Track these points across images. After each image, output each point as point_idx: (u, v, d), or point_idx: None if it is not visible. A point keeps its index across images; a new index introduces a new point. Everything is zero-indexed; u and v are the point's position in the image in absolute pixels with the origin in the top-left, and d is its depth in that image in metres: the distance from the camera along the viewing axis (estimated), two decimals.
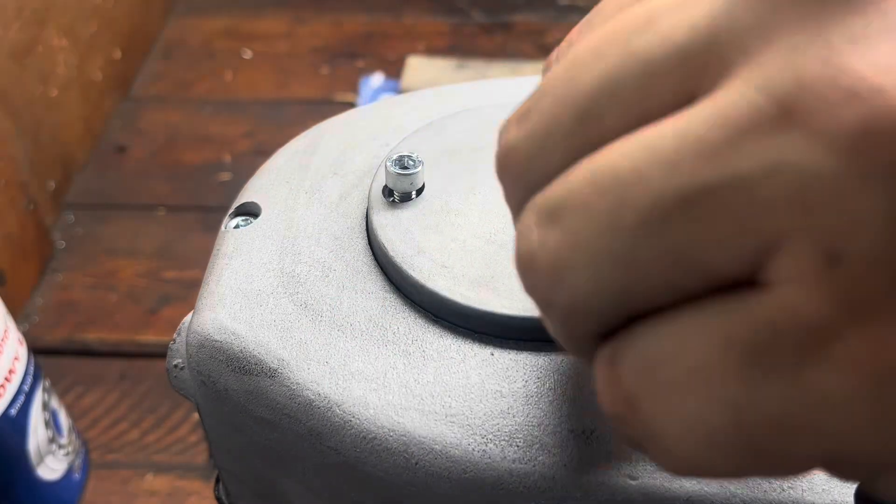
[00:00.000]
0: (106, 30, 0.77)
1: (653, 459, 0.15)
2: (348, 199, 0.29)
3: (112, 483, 0.50)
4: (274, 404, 0.24)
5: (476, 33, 0.88)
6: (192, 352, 0.25)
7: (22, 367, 0.43)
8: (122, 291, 0.62)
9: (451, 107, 0.32)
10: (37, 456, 0.44)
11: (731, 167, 0.13)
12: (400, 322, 0.25)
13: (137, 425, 0.53)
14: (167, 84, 0.83)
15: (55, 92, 0.69)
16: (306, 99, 0.80)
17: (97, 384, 0.56)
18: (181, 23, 0.91)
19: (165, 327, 0.59)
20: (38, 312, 0.60)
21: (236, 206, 0.29)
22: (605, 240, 0.14)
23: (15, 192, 0.60)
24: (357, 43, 0.88)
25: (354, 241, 0.27)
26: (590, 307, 0.15)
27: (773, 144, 0.13)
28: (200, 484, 0.50)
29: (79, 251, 0.65)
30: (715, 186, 0.13)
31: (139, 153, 0.75)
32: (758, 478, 0.15)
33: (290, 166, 0.30)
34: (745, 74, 0.13)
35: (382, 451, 0.23)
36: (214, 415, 0.26)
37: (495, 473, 0.22)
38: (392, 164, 0.27)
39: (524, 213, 0.16)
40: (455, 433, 0.22)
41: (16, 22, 0.63)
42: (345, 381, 0.23)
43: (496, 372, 0.23)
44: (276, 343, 0.24)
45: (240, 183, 0.31)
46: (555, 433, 0.22)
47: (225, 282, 0.26)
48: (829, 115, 0.12)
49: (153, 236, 0.66)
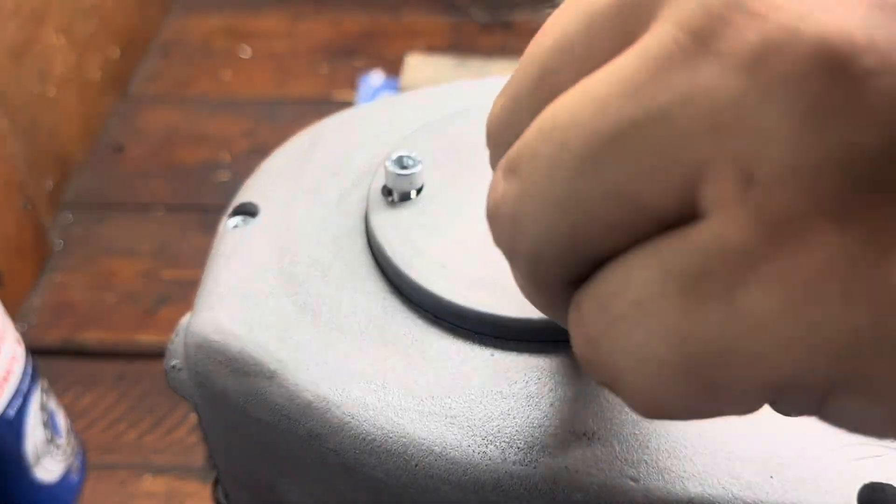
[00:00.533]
0: (104, 29, 0.77)
1: (626, 403, 0.16)
2: (347, 199, 0.29)
3: (110, 484, 0.50)
4: (272, 405, 0.24)
5: (476, 32, 0.88)
6: (191, 352, 0.25)
7: (19, 368, 0.43)
8: (120, 291, 0.62)
9: (451, 106, 0.32)
10: (34, 457, 0.44)
11: (653, 101, 0.14)
12: (399, 323, 0.25)
13: (135, 426, 0.53)
14: (165, 83, 0.83)
15: (53, 91, 0.68)
16: (305, 98, 0.80)
17: (95, 385, 0.55)
18: (179, 21, 0.91)
19: (164, 328, 0.59)
20: (35, 313, 0.60)
21: (235, 206, 0.29)
22: (550, 184, 0.15)
23: (12, 192, 0.60)
24: (356, 41, 0.87)
25: (354, 242, 0.27)
26: (548, 253, 0.16)
27: (687, 74, 0.13)
28: (199, 485, 0.50)
29: (77, 251, 0.65)
30: (640, 122, 0.14)
31: (137, 152, 0.75)
32: (716, 415, 0.15)
33: (289, 166, 0.30)
34: (666, 13, 0.14)
35: (382, 452, 0.22)
36: (212, 416, 0.26)
37: (495, 475, 0.22)
38: (391, 163, 0.27)
39: (496, 171, 0.17)
40: (455, 434, 0.22)
41: (13, 20, 0.63)
42: (344, 382, 0.23)
43: (496, 373, 0.23)
44: (275, 344, 0.24)
45: (238, 182, 0.31)
46: (555, 435, 0.22)
47: (223, 282, 0.26)
48: (733, 37, 0.13)
49: (151, 236, 0.66)
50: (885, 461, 0.21)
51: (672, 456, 0.22)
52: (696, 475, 0.21)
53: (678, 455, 0.22)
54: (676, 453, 0.22)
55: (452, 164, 0.28)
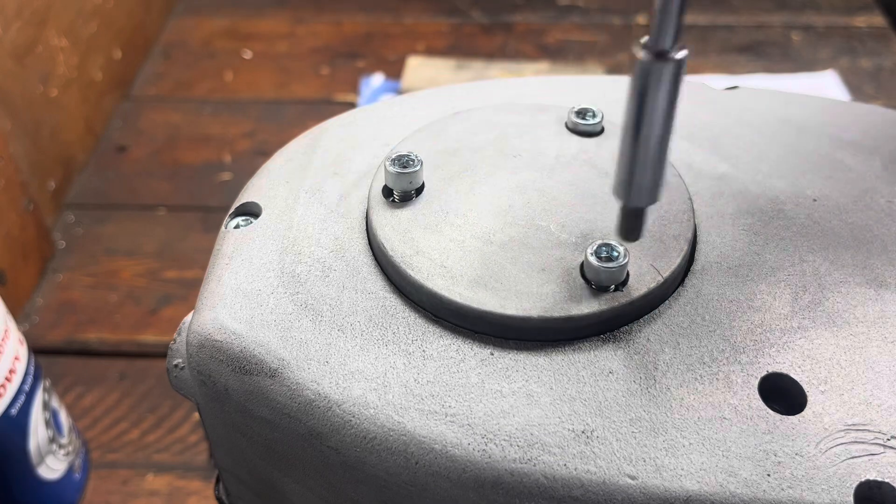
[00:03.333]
0: (106, 30, 0.77)
1: None
2: (348, 199, 0.29)
3: (112, 483, 0.50)
4: (274, 404, 0.24)
5: (476, 33, 0.88)
6: (193, 352, 0.25)
7: (22, 367, 0.43)
8: (123, 291, 0.62)
9: (451, 107, 0.32)
10: (37, 456, 0.44)
11: None
12: (400, 322, 0.25)
13: (138, 425, 0.53)
14: (167, 84, 0.83)
15: (55, 92, 0.69)
16: (306, 99, 0.80)
17: (97, 384, 0.56)
18: (181, 23, 0.91)
19: (166, 327, 0.59)
20: (38, 312, 0.60)
21: (237, 206, 0.29)
22: None
23: (15, 193, 0.60)
24: (357, 43, 0.88)
25: (354, 241, 0.27)
26: None
27: None
28: (201, 484, 0.50)
29: (79, 251, 0.65)
30: None
31: (139, 153, 0.75)
32: None
33: (291, 166, 0.30)
34: None
35: (382, 450, 0.23)
36: (215, 415, 0.26)
37: (495, 473, 0.22)
38: (391, 163, 0.27)
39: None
40: (455, 433, 0.22)
41: (16, 22, 0.63)
42: (345, 380, 0.23)
43: (496, 371, 0.23)
44: (277, 343, 0.24)
45: (240, 183, 0.31)
46: (554, 433, 0.22)
47: (225, 282, 0.26)
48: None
49: (153, 236, 0.66)
50: (881, 459, 0.21)
51: (670, 454, 0.22)
52: (694, 473, 0.21)
53: (676, 453, 0.22)
54: (674, 451, 0.22)
55: (452, 165, 0.28)
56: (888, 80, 0.81)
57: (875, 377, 0.23)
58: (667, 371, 0.23)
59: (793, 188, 0.29)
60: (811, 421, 0.22)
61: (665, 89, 0.20)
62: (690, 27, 0.89)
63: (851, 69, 0.82)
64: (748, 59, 0.84)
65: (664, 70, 0.19)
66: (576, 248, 0.25)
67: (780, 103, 0.33)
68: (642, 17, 0.91)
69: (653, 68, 0.19)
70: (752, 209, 0.28)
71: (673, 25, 0.19)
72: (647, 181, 0.21)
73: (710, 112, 0.33)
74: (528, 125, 0.30)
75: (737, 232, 0.27)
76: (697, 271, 0.26)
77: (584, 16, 0.91)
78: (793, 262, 0.26)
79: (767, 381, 0.23)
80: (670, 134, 0.21)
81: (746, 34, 0.88)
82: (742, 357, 0.24)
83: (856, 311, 0.25)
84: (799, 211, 0.28)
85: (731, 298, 0.25)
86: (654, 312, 0.25)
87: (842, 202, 0.29)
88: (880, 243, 0.27)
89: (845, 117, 0.33)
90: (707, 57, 0.85)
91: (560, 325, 0.24)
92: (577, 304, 0.24)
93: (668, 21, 0.19)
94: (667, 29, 0.19)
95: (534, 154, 0.29)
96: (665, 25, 0.19)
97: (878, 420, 0.22)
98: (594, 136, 0.30)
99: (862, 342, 0.24)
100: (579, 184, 0.28)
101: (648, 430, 0.22)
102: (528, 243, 0.26)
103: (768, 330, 0.24)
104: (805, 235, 0.27)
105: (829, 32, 0.88)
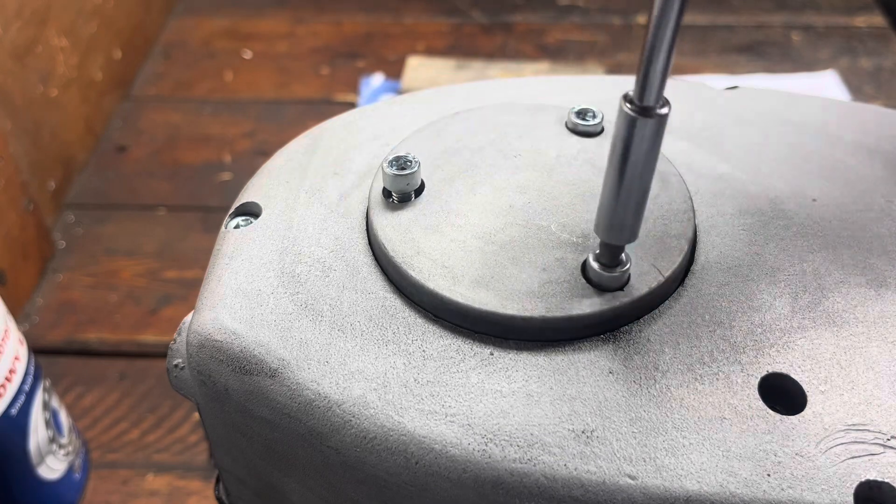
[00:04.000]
0: (106, 30, 0.77)
1: None
2: (348, 199, 0.29)
3: (112, 483, 0.50)
4: (274, 404, 0.24)
5: (476, 33, 0.88)
6: (193, 352, 0.25)
7: (22, 367, 0.43)
8: (123, 291, 0.62)
9: (451, 107, 0.32)
10: (37, 456, 0.44)
11: None
12: (400, 322, 0.25)
13: (138, 425, 0.53)
14: (167, 84, 0.83)
15: (55, 92, 0.69)
16: (306, 99, 0.80)
17: (97, 384, 0.56)
18: (181, 23, 0.91)
19: (166, 327, 0.59)
20: (38, 312, 0.60)
21: (237, 206, 0.29)
22: None
23: (15, 192, 0.60)
24: (357, 43, 0.88)
25: (354, 241, 0.27)
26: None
27: None
28: (201, 484, 0.50)
29: (79, 251, 0.66)
30: None
31: (139, 153, 0.75)
32: None
33: (291, 166, 0.30)
34: None
35: (382, 450, 0.23)
36: (215, 415, 0.26)
37: (495, 473, 0.22)
38: (389, 164, 0.27)
39: None
40: (455, 433, 0.22)
41: (16, 22, 0.63)
42: (345, 380, 0.23)
43: (496, 371, 0.23)
44: (277, 343, 0.24)
45: (240, 183, 0.31)
46: (554, 433, 0.22)
47: (225, 282, 0.26)
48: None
49: (153, 236, 0.67)
50: (881, 459, 0.21)
51: (670, 454, 0.22)
52: (694, 473, 0.21)
53: (676, 453, 0.22)
54: (674, 451, 0.22)
55: (453, 165, 0.28)
56: (888, 80, 0.81)
57: (875, 377, 0.23)
58: (667, 371, 0.23)
59: (793, 188, 0.29)
60: (811, 421, 0.22)
61: (647, 142, 0.20)
62: (690, 27, 0.89)
63: (851, 69, 0.82)
64: (748, 59, 0.84)
65: (647, 125, 0.20)
66: (576, 248, 0.25)
67: (780, 103, 0.33)
68: (642, 17, 0.91)
69: (637, 123, 0.20)
70: (752, 209, 0.28)
71: (657, 83, 0.20)
72: (628, 222, 0.22)
73: (710, 112, 0.33)
74: (528, 125, 0.30)
75: (737, 232, 0.27)
76: (698, 271, 0.26)
77: (584, 16, 0.91)
78: (793, 261, 0.26)
79: (767, 381, 0.23)
80: (650, 181, 0.21)
81: (746, 34, 0.88)
82: (742, 357, 0.24)
83: (856, 311, 0.25)
84: (799, 211, 0.28)
85: (732, 298, 0.25)
86: (654, 312, 0.25)
87: (842, 202, 0.29)
88: (880, 243, 0.27)
89: (845, 117, 0.33)
90: (707, 57, 0.85)
91: (560, 324, 0.24)
92: (577, 304, 0.24)
93: (653, 79, 0.20)
94: (651, 87, 0.20)
95: (534, 154, 0.29)
96: (650, 83, 0.20)
97: (879, 420, 0.22)
98: (594, 137, 0.30)
99: (862, 342, 0.24)
100: (579, 184, 0.28)
101: (648, 430, 0.22)
102: (528, 243, 0.26)
103: (768, 330, 0.24)
104: (805, 235, 0.27)
105: (829, 32, 0.88)
